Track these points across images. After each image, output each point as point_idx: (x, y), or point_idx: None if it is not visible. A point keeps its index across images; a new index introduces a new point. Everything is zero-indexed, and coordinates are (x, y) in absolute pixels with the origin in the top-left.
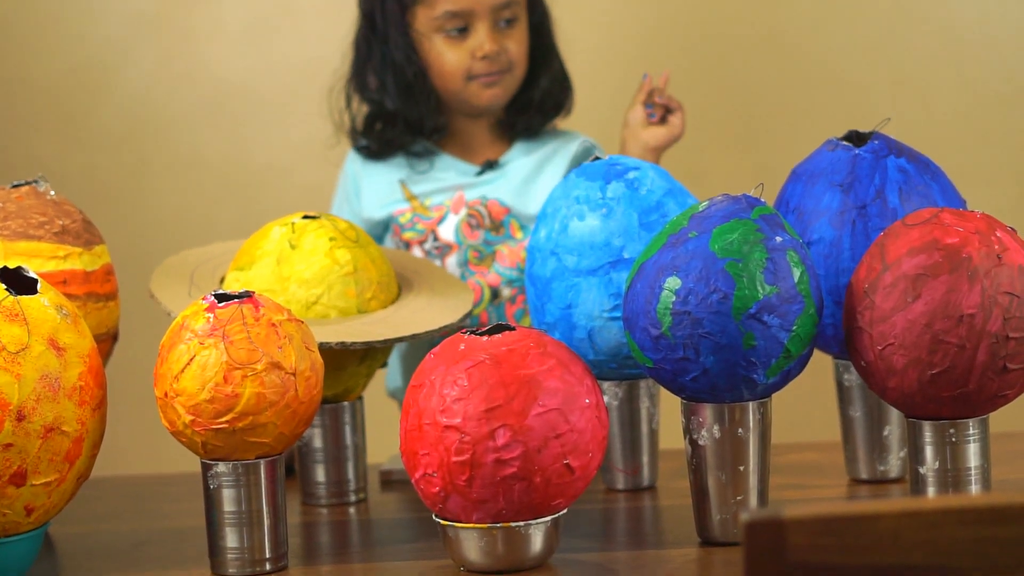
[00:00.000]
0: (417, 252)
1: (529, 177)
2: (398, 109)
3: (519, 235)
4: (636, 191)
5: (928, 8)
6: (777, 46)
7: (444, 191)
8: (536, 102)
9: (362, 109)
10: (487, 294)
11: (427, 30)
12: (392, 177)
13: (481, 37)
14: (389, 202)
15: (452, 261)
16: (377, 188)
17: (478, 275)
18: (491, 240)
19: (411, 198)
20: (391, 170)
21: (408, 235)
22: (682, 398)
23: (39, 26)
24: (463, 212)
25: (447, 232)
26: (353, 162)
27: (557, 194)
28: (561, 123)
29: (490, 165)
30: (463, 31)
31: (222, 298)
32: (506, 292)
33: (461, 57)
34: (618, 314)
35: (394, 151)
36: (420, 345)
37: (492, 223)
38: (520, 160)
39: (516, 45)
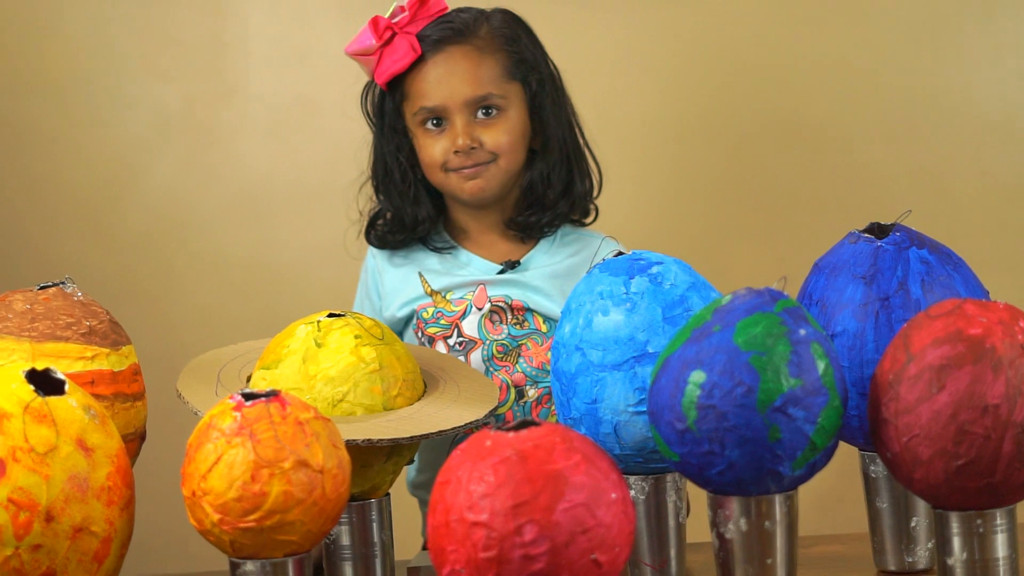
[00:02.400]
0: (441, 347)
1: (551, 280)
2: (387, 205)
3: (544, 328)
4: (659, 286)
5: (948, 99)
6: (797, 139)
7: (465, 286)
8: (535, 196)
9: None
10: (512, 394)
11: (412, 125)
12: (411, 270)
13: (456, 131)
14: (411, 299)
15: (476, 356)
16: (398, 283)
17: (503, 371)
18: (516, 335)
19: (432, 293)
20: (411, 264)
21: (432, 330)
22: (708, 491)
23: (66, 127)
24: (486, 307)
25: (470, 327)
26: (374, 258)
27: (581, 289)
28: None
29: (511, 265)
30: (440, 124)
31: (249, 397)
32: (531, 392)
33: (438, 150)
34: (643, 408)
35: (395, 247)
36: (439, 440)
37: (516, 318)
38: (541, 262)
39: (499, 136)
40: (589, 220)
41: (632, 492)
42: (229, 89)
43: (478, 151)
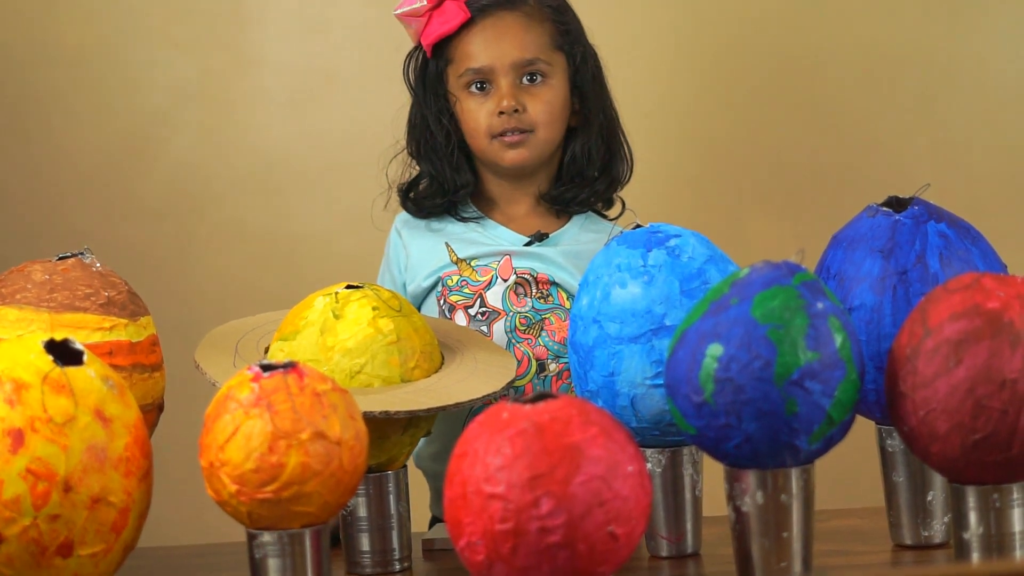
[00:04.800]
0: (461, 316)
1: (573, 259)
2: (427, 170)
3: (567, 304)
4: (677, 259)
5: (968, 71)
6: (815, 112)
7: (492, 255)
8: (576, 170)
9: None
10: (533, 367)
11: (456, 89)
12: (439, 240)
13: (502, 93)
14: (437, 268)
15: (499, 327)
16: (425, 254)
17: (525, 344)
18: (540, 308)
19: (458, 261)
20: (438, 235)
21: (454, 298)
22: (725, 464)
23: (84, 99)
24: (511, 279)
25: (494, 298)
26: (398, 233)
27: (599, 262)
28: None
29: (540, 237)
30: (485, 87)
31: (267, 368)
32: (552, 367)
33: (483, 114)
34: (660, 381)
35: (430, 213)
36: (447, 414)
37: (540, 292)
38: (567, 239)
39: (539, 105)
40: (613, 215)
41: (649, 465)
42: (247, 60)
43: (522, 114)
